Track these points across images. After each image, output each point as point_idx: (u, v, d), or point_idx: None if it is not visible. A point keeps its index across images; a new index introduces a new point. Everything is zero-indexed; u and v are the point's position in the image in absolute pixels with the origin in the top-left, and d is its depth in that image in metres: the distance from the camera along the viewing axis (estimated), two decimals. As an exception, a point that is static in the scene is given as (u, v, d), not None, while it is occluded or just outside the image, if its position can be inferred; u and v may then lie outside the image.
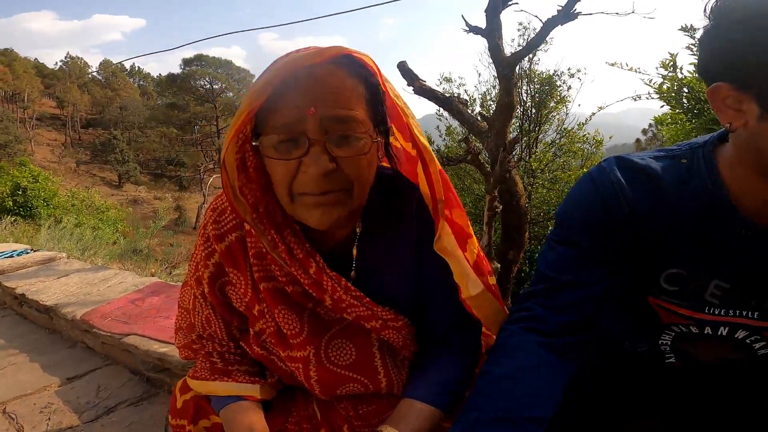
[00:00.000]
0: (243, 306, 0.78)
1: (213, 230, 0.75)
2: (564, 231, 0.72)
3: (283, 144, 0.61)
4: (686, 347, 0.74)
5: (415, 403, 0.70)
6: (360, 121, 0.62)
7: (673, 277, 0.68)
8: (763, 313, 0.66)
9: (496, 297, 0.75)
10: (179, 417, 0.84)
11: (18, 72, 38.02)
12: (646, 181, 0.66)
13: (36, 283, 2.66)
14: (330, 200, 0.62)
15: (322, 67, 0.59)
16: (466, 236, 0.73)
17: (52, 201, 11.49)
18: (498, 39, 3.86)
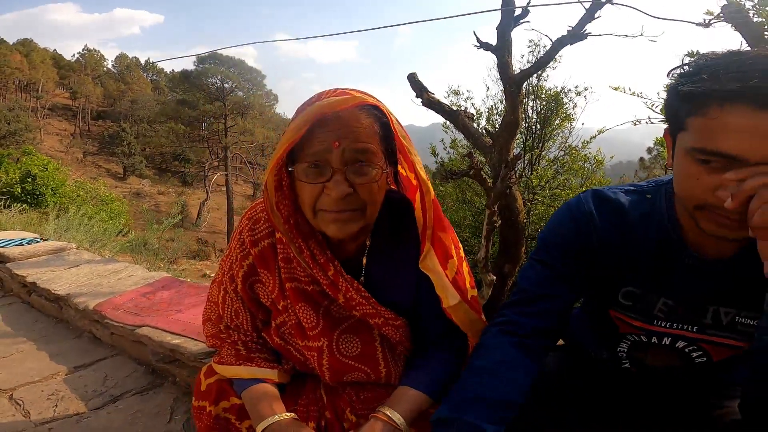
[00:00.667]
0: (269, 301, 0.93)
1: (249, 236, 0.91)
2: (542, 252, 0.85)
3: (312, 170, 0.76)
4: (639, 355, 0.87)
5: (409, 390, 0.85)
6: (374, 153, 0.77)
7: (629, 294, 0.81)
8: (701, 328, 0.78)
9: (473, 308, 0.89)
10: (201, 399, 0.96)
11: (35, 62, 38.43)
12: (615, 213, 0.79)
13: (47, 272, 2.74)
14: (345, 217, 0.78)
15: (347, 111, 0.75)
16: (448, 257, 0.87)
17: (59, 190, 11.62)
18: (507, 56, 3.94)
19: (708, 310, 0.76)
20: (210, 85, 33.61)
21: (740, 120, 0.58)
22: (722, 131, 0.59)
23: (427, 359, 0.92)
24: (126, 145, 36.10)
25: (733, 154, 0.59)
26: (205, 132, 35.50)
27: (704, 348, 0.80)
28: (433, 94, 4.78)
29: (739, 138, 0.58)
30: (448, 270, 0.86)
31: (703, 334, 0.78)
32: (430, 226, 0.83)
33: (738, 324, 0.76)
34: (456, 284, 0.87)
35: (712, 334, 0.78)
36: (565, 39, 3.62)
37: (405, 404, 0.83)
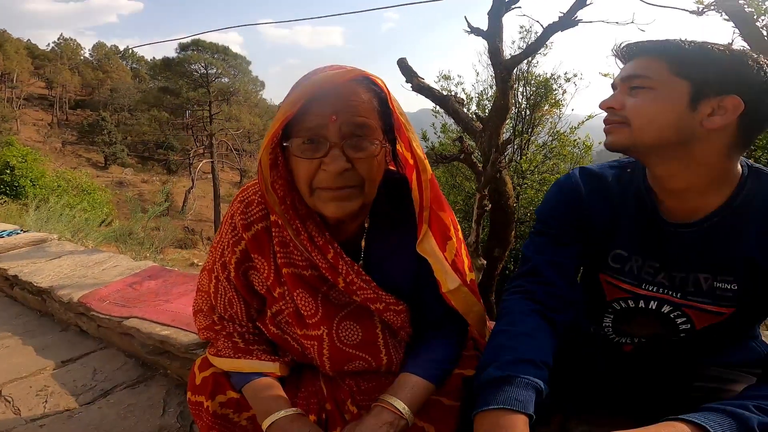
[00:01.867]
0: (264, 289, 0.89)
1: (241, 220, 0.86)
2: (539, 224, 0.94)
3: (308, 146, 0.73)
4: (623, 327, 0.92)
5: (411, 377, 0.83)
6: (373, 128, 0.74)
7: (618, 256, 0.88)
8: (683, 294, 0.83)
9: (472, 292, 0.87)
10: (198, 393, 0.92)
11: (9, 53, 37.18)
12: (599, 184, 0.89)
13: (28, 264, 2.65)
14: (343, 195, 0.74)
15: (344, 84, 0.72)
16: (447, 238, 0.84)
17: (39, 181, 11.28)
18: (498, 42, 3.92)
19: (689, 276, 0.82)
20: (193, 72, 32.82)
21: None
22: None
23: (428, 344, 0.89)
24: (106, 133, 35.22)
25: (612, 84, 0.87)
26: (189, 119, 34.79)
27: (687, 314, 0.84)
28: (423, 79, 4.75)
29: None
30: (447, 252, 0.83)
31: (685, 299, 0.83)
32: (427, 207, 0.80)
33: (716, 289, 0.80)
34: (455, 267, 0.84)
35: (692, 299, 0.83)
36: (556, 25, 3.61)
37: (408, 392, 0.81)
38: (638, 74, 0.77)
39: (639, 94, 0.76)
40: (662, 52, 0.76)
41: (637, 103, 0.76)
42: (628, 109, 0.77)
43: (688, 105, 0.73)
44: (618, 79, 0.81)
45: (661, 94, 0.74)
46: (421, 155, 0.78)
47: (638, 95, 0.77)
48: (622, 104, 0.78)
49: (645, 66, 0.77)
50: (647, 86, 0.76)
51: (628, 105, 0.77)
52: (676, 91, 0.74)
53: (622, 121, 0.78)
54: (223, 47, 34.19)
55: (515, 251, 5.78)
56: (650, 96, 0.75)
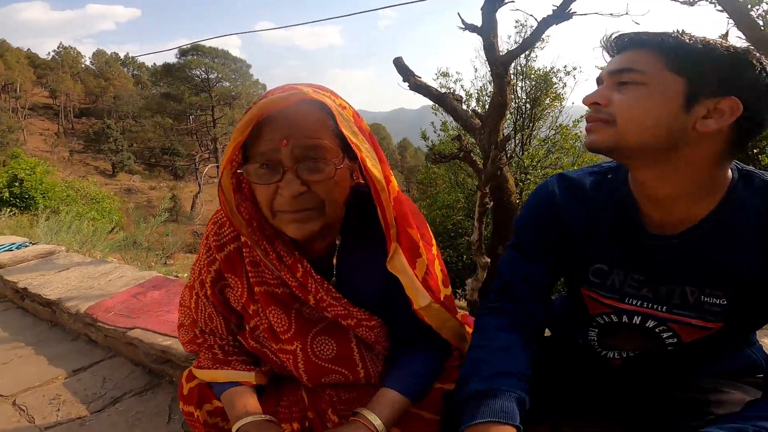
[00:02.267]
0: (239, 306, 0.91)
1: (214, 241, 0.89)
2: (514, 237, 0.90)
3: (264, 170, 0.73)
4: (609, 341, 0.88)
5: (389, 392, 0.84)
6: (327, 149, 0.73)
7: (598, 271, 0.83)
8: (669, 307, 0.78)
9: (445, 308, 0.86)
10: (187, 403, 0.97)
11: (10, 62, 37.68)
12: (577, 192, 0.84)
13: (37, 276, 2.71)
14: (303, 217, 0.74)
15: (293, 107, 0.71)
16: (416, 255, 0.84)
17: (49, 193, 11.43)
18: (493, 38, 3.90)
19: (675, 290, 0.77)
20: (194, 77, 33.05)
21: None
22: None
23: (408, 358, 0.90)
24: (113, 141, 35.59)
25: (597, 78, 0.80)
26: (192, 124, 35.06)
27: (673, 328, 0.79)
28: (420, 77, 4.75)
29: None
30: (417, 269, 0.83)
31: (671, 313, 0.78)
32: (392, 225, 0.79)
33: (704, 303, 0.75)
34: (426, 284, 0.84)
35: (679, 314, 0.77)
36: (550, 19, 3.59)
37: (385, 407, 0.82)
38: (629, 68, 0.70)
39: (628, 90, 0.70)
40: (658, 44, 0.69)
41: (626, 100, 0.69)
42: (615, 106, 0.70)
43: (682, 105, 0.66)
44: (605, 73, 0.74)
45: (654, 91, 0.68)
46: (377, 175, 0.75)
47: (627, 91, 0.70)
48: (608, 100, 0.71)
49: (637, 59, 0.70)
50: (638, 81, 0.69)
51: (615, 101, 0.70)
52: (670, 88, 0.67)
53: (606, 118, 0.71)
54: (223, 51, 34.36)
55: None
56: (641, 92, 0.68)
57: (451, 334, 0.89)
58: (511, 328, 0.83)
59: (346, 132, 0.73)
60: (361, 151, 0.74)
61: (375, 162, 0.76)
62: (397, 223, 0.81)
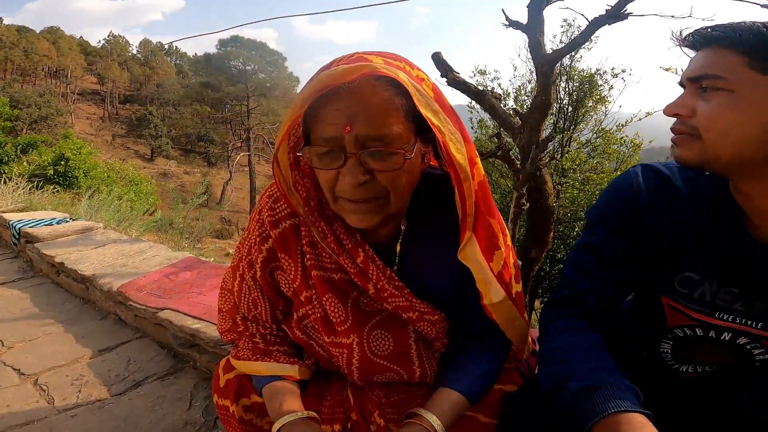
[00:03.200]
0: (290, 291, 0.83)
1: (269, 216, 0.81)
2: (586, 232, 0.80)
3: (325, 156, 0.66)
4: (686, 353, 0.79)
5: (450, 392, 0.77)
6: (395, 137, 0.64)
7: (687, 279, 0.73)
8: (766, 324, 0.69)
9: (516, 305, 0.78)
10: (223, 396, 0.90)
11: (63, 49, 39.67)
12: (665, 188, 0.72)
13: (74, 252, 2.77)
14: (365, 208, 0.67)
15: (362, 82, 0.62)
16: (495, 247, 0.75)
17: (91, 173, 11.93)
18: (539, 35, 3.74)
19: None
20: (232, 68, 33.88)
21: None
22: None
23: (469, 357, 0.83)
24: (153, 127, 36.98)
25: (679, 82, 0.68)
26: (228, 113, 36.01)
27: (767, 345, 0.72)
28: (459, 73, 4.61)
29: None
30: (494, 262, 0.75)
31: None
32: (471, 214, 0.71)
33: None
34: (501, 278, 0.76)
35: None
36: (602, 19, 3.38)
37: (446, 409, 0.75)
38: (710, 73, 0.61)
39: (712, 97, 0.62)
40: (737, 42, 0.60)
41: (709, 111, 0.62)
42: (699, 118, 0.62)
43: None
44: (685, 77, 0.66)
45: (739, 99, 0.59)
46: (462, 162, 0.67)
47: (711, 99, 0.62)
48: (691, 110, 0.64)
49: (716, 62, 0.61)
50: (722, 87, 0.60)
51: (699, 111, 0.63)
52: (759, 94, 0.58)
53: (690, 132, 0.63)
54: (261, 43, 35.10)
55: (552, 252, 5.56)
56: (725, 101, 0.60)
57: (516, 334, 0.81)
58: (589, 329, 0.76)
59: (425, 112, 0.63)
60: (444, 135, 0.66)
61: (459, 146, 0.68)
62: (477, 211, 0.72)
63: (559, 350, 0.74)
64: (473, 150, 0.71)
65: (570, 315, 0.78)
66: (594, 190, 5.79)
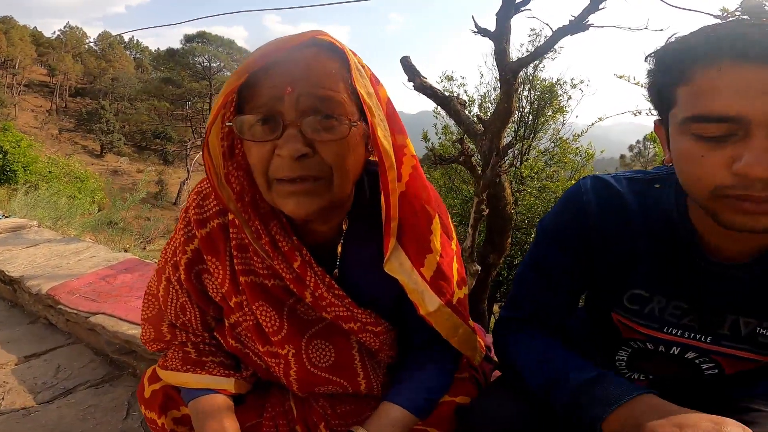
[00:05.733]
0: (219, 296, 0.76)
1: (195, 215, 0.73)
2: (536, 246, 0.77)
3: (260, 126, 0.58)
4: (641, 364, 0.78)
5: (393, 408, 0.72)
6: (340, 103, 0.59)
7: (636, 297, 0.71)
8: (715, 338, 0.69)
9: (457, 312, 0.73)
10: (149, 408, 0.82)
11: (14, 39, 37.27)
12: (615, 202, 0.69)
13: (3, 251, 2.53)
14: (305, 189, 0.60)
15: (304, 50, 0.58)
16: (426, 251, 0.69)
17: (31, 167, 11.09)
18: (505, 44, 3.83)
19: (725, 320, 0.67)
20: (197, 64, 32.85)
21: (737, 76, 0.49)
22: (716, 91, 0.50)
23: (413, 370, 0.78)
24: (104, 122, 35.10)
25: (732, 115, 0.49)
26: (189, 111, 34.77)
27: (716, 360, 0.71)
28: (426, 78, 4.65)
29: (734, 95, 0.49)
30: (426, 267, 0.69)
31: (718, 345, 0.69)
32: (394, 217, 0.64)
33: (759, 336, 0.66)
34: (436, 285, 0.70)
35: (727, 345, 0.68)
36: (566, 29, 3.50)
37: (385, 427, 0.70)
38: None
39: None
40: None
41: None
42: None
43: None
44: (765, 115, 0.48)
45: None
46: (387, 147, 0.61)
47: None
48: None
49: None
50: None
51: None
52: None
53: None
54: (228, 40, 34.24)
55: (510, 258, 5.69)
56: None
57: (462, 342, 0.76)
58: (549, 335, 0.75)
59: (361, 90, 0.59)
60: (374, 116, 0.60)
61: (386, 132, 0.62)
62: (404, 210, 0.66)
63: (531, 359, 0.72)
64: (405, 140, 0.66)
65: (523, 329, 0.77)
66: (550, 197, 6.01)
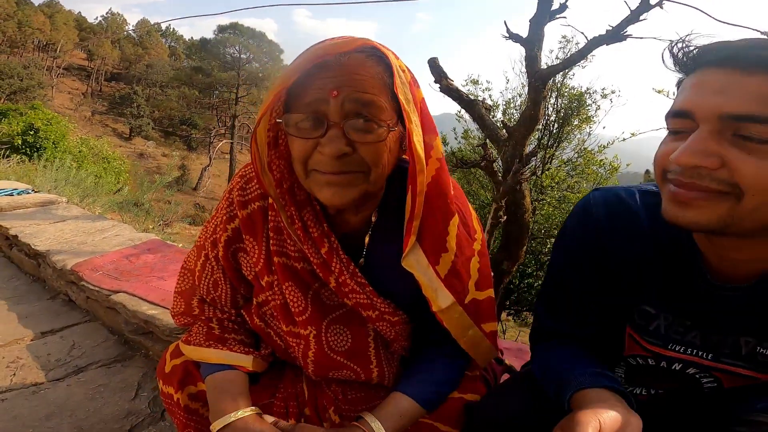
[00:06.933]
0: (252, 275, 0.81)
1: (238, 196, 0.78)
2: (553, 268, 0.78)
3: (306, 123, 0.63)
4: (640, 379, 0.78)
5: (402, 398, 0.75)
6: (381, 108, 0.63)
7: (644, 313, 0.72)
8: (716, 356, 0.69)
9: (469, 312, 0.75)
10: (167, 383, 0.85)
11: (58, 24, 38.65)
12: (626, 218, 0.69)
13: (31, 225, 2.62)
14: (342, 180, 0.64)
15: (350, 55, 0.62)
16: (442, 250, 0.72)
17: (61, 144, 11.45)
18: (537, 50, 3.77)
19: (726, 339, 0.68)
20: (227, 55, 33.46)
21: (700, 77, 0.55)
22: (683, 90, 0.57)
23: (425, 363, 0.80)
24: (135, 106, 36.02)
25: (685, 109, 0.54)
26: (216, 100, 35.46)
27: (716, 375, 0.71)
28: (452, 81, 4.61)
29: (691, 93, 0.55)
30: (440, 266, 0.72)
31: (718, 362, 0.70)
32: (417, 216, 0.69)
33: (758, 354, 0.67)
34: (450, 283, 0.73)
35: (728, 363, 0.69)
36: (601, 38, 3.41)
37: (393, 415, 0.72)
38: (764, 116, 0.48)
39: (766, 152, 0.49)
40: None
41: (763, 168, 0.49)
42: (744, 175, 0.50)
43: None
44: (710, 110, 0.51)
45: None
46: (420, 153, 0.65)
47: (764, 154, 0.49)
48: (719, 161, 0.51)
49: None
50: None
51: (740, 166, 0.50)
52: None
53: (723, 189, 0.52)
54: (260, 33, 34.76)
55: (522, 267, 5.61)
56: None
57: (471, 345, 0.77)
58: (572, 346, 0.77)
59: (401, 96, 0.63)
60: (411, 122, 0.64)
61: (420, 138, 0.66)
62: (427, 209, 0.69)
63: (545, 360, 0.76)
64: (435, 142, 0.70)
65: (541, 341, 0.80)
66: (569, 209, 5.88)
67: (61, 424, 1.28)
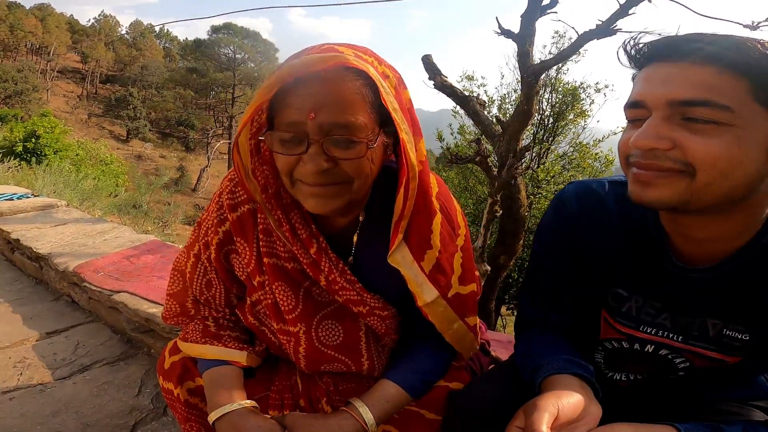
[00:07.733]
0: (244, 275, 0.83)
1: (228, 200, 0.80)
2: (534, 258, 0.83)
3: (287, 141, 0.65)
4: (618, 364, 0.82)
5: (389, 385, 0.78)
6: (360, 127, 0.64)
7: (616, 295, 0.76)
8: (686, 338, 0.73)
9: (452, 306, 0.78)
10: (167, 379, 0.88)
11: (50, 27, 38.52)
12: (596, 208, 0.74)
13: (32, 229, 2.65)
14: (326, 192, 0.66)
15: (330, 72, 0.62)
16: (426, 247, 0.75)
17: (62, 153, 11.45)
18: (529, 45, 3.78)
19: (694, 321, 0.72)
20: (222, 55, 33.39)
21: (649, 70, 0.60)
22: (636, 83, 0.62)
23: (411, 353, 0.84)
24: (132, 108, 35.98)
25: (638, 100, 0.60)
26: (212, 100, 35.42)
27: (687, 357, 0.75)
28: (447, 77, 4.64)
29: (642, 85, 0.59)
30: (425, 262, 0.75)
31: (687, 344, 0.73)
32: (406, 216, 0.71)
33: (724, 337, 0.70)
34: (434, 278, 0.76)
35: (696, 345, 0.73)
36: (592, 33, 3.43)
37: (380, 401, 0.76)
38: (708, 100, 0.52)
39: (708, 132, 0.53)
40: (744, 67, 0.52)
41: (710, 147, 0.53)
42: (692, 153, 0.54)
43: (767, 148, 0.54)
44: (659, 98, 0.56)
45: (744, 136, 0.52)
46: (413, 161, 0.67)
47: (707, 133, 0.53)
48: (671, 142, 0.55)
49: (718, 87, 0.53)
50: (722, 121, 0.52)
51: (686, 145, 0.54)
52: (760, 129, 0.53)
53: (680, 168, 0.55)
54: (254, 32, 34.66)
55: (520, 261, 5.66)
56: (728, 136, 0.53)
57: (455, 338, 0.81)
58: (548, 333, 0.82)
59: (390, 107, 0.64)
60: (402, 131, 0.66)
61: (412, 146, 0.68)
62: (414, 208, 0.72)
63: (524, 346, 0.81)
64: (420, 144, 0.71)
65: (524, 329, 0.86)
66: (567, 202, 5.89)
67: (67, 420, 1.32)
